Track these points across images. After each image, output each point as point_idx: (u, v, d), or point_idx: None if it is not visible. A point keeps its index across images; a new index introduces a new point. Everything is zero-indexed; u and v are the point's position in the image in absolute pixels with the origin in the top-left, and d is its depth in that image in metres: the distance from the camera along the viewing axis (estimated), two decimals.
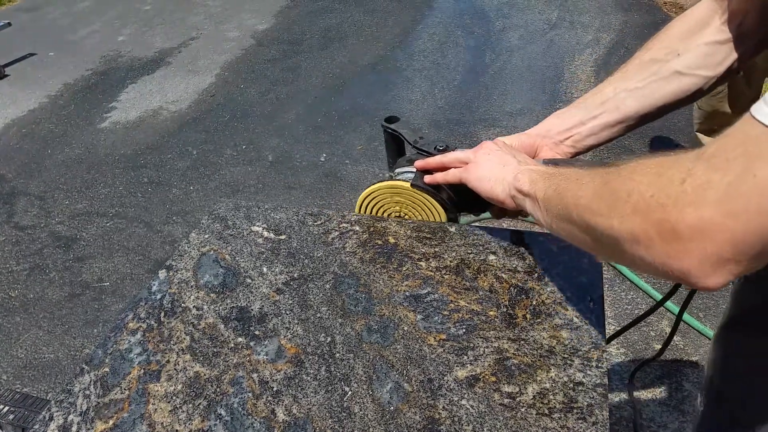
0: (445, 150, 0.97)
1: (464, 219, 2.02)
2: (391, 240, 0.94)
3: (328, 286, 0.86)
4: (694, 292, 0.93)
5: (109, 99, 4.14)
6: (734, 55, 0.83)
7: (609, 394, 1.95)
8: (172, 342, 0.79)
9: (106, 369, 0.77)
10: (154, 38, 4.99)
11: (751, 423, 0.81)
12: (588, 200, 0.62)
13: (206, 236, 0.96)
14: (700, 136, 2.57)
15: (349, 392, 0.70)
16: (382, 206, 1.00)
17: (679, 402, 1.95)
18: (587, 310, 0.79)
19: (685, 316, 2.20)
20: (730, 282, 0.51)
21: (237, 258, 0.91)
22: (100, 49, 4.87)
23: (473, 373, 0.72)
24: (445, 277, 0.86)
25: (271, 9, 5.39)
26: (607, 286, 2.37)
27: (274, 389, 0.71)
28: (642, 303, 2.28)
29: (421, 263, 0.89)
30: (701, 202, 0.48)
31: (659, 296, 2.28)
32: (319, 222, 0.98)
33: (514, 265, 0.87)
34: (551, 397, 0.68)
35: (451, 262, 0.89)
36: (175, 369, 0.76)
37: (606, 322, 2.21)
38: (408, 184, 0.96)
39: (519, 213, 0.87)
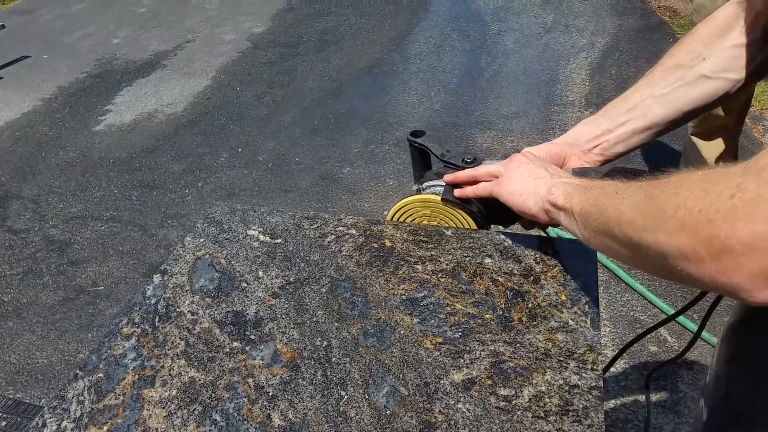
0: (473, 162, 0.96)
1: None
2: (388, 243, 0.93)
3: (324, 289, 0.85)
4: (717, 303, 0.93)
5: (103, 102, 4.13)
6: (760, 57, 0.83)
7: (604, 397, 1.95)
8: (166, 347, 0.79)
9: (101, 374, 0.77)
10: (150, 41, 4.99)
11: (761, 419, 0.81)
12: (631, 215, 0.61)
13: (201, 240, 0.96)
14: (695, 139, 2.58)
15: (346, 397, 0.70)
16: (413, 220, 1.00)
17: (674, 404, 1.95)
18: (582, 313, 0.79)
19: (681, 319, 2.20)
20: None
21: (232, 262, 0.91)
22: (95, 51, 4.86)
23: (469, 377, 0.72)
24: (442, 280, 0.86)
25: (267, 12, 5.39)
26: (602, 288, 2.37)
27: (270, 394, 0.71)
28: (637, 305, 2.29)
29: (417, 267, 0.89)
30: (754, 216, 0.48)
31: (654, 298, 2.28)
32: (315, 225, 0.98)
33: (510, 268, 0.87)
34: (547, 399, 0.68)
35: (447, 265, 0.88)
36: (169, 374, 0.75)
37: (601, 325, 2.21)
38: (438, 198, 0.96)
39: (550, 225, 0.87)
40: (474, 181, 0.93)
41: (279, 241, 0.95)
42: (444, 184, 0.97)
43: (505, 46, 4.43)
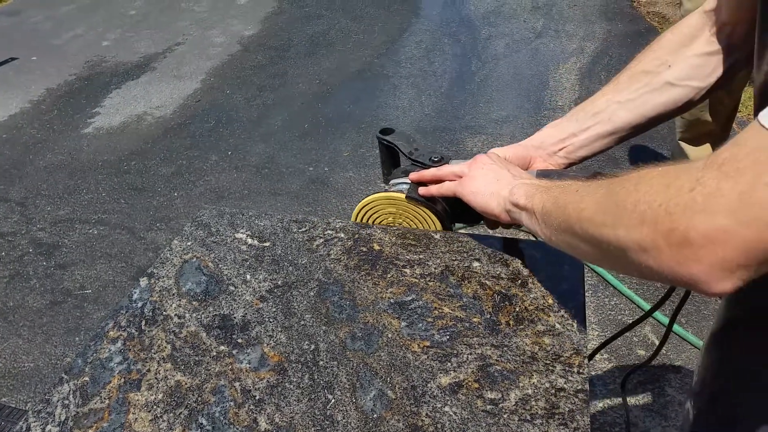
0: (440, 161, 0.97)
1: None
2: (376, 247, 0.93)
3: (312, 293, 0.85)
4: (684, 301, 0.93)
5: (92, 104, 4.11)
6: (724, 66, 0.85)
7: (591, 400, 1.96)
8: (153, 351, 0.78)
9: (86, 378, 0.76)
10: (139, 43, 4.97)
11: (747, 422, 0.81)
12: (591, 212, 0.62)
13: (189, 243, 0.95)
14: (683, 144, 2.60)
15: (333, 400, 0.70)
16: (377, 217, 1.00)
17: (661, 407, 1.96)
18: (569, 317, 0.79)
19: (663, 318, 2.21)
20: (738, 287, 0.52)
21: (220, 265, 0.90)
22: (84, 53, 4.84)
23: (456, 380, 0.72)
24: (430, 284, 0.86)
25: (257, 15, 5.39)
26: (591, 292, 2.38)
27: (257, 398, 0.71)
28: (625, 309, 2.30)
29: (405, 270, 0.89)
30: (713, 210, 0.49)
31: (642, 302, 2.30)
32: (303, 229, 0.98)
33: (497, 272, 0.88)
34: (533, 403, 0.68)
35: (435, 269, 0.89)
36: (156, 378, 0.75)
37: (590, 328, 2.22)
38: (403, 196, 0.96)
39: (512, 225, 0.87)
40: (439, 180, 0.94)
41: (267, 244, 0.95)
42: (409, 182, 0.98)
43: (496, 51, 4.45)
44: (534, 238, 0.89)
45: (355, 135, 3.58)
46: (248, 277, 0.88)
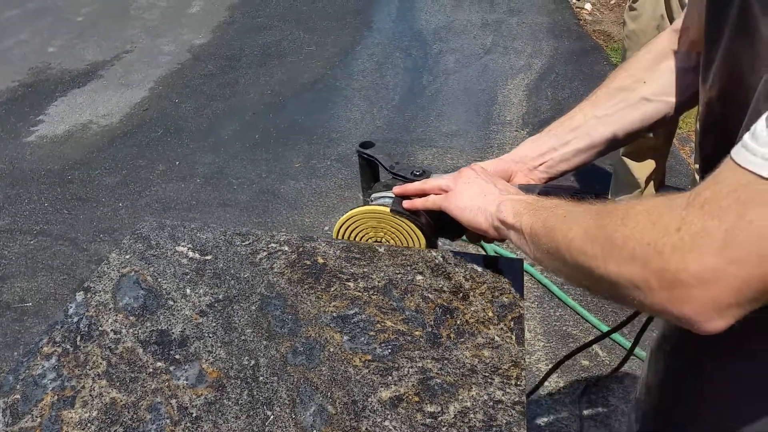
0: (422, 175, 0.97)
1: None
2: (320, 260, 0.93)
3: (254, 307, 0.85)
4: (650, 322, 0.96)
5: (36, 112, 3.99)
6: (696, 83, 0.87)
7: (536, 411, 1.99)
8: (88, 367, 0.76)
9: (17, 396, 0.74)
10: (86, 50, 4.85)
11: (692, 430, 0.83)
12: (581, 242, 0.62)
13: (127, 257, 0.93)
14: (626, 159, 2.68)
15: (272, 416, 0.69)
16: (360, 231, 0.99)
17: (605, 417, 2.00)
18: (508, 329, 0.81)
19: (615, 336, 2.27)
20: (730, 324, 0.53)
21: (159, 279, 0.89)
22: (29, 60, 4.70)
23: (397, 394, 0.72)
24: (373, 297, 0.86)
25: (208, 24, 5.33)
26: (536, 303, 2.42)
27: (194, 415, 0.70)
28: (570, 320, 2.35)
29: (349, 284, 0.89)
30: (701, 249, 0.50)
31: (587, 314, 2.35)
32: (247, 242, 0.97)
33: (440, 285, 0.88)
34: (472, 415, 0.69)
35: (379, 282, 0.89)
36: (90, 395, 0.73)
37: (535, 339, 2.25)
38: (387, 210, 0.95)
39: (499, 240, 0.88)
40: (423, 194, 0.94)
41: (209, 257, 0.93)
42: (392, 195, 0.97)
43: (446, 66, 4.51)
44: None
45: (306, 146, 3.57)
46: (188, 291, 0.87)
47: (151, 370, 0.75)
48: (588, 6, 5.57)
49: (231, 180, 3.29)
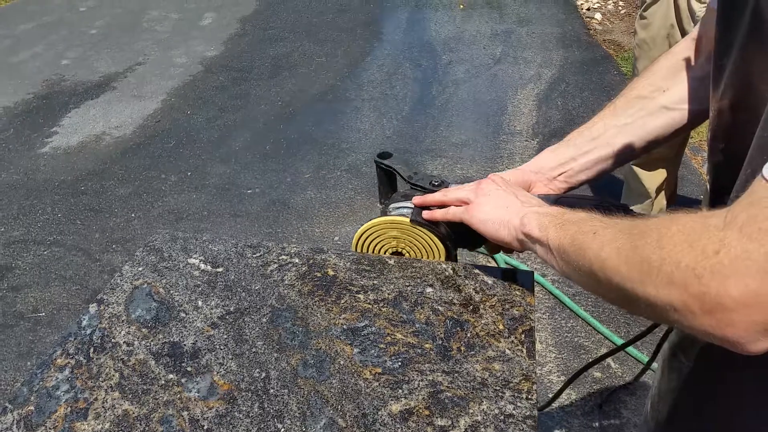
0: (441, 185, 0.97)
1: None
2: (330, 272, 0.94)
3: (264, 319, 0.85)
4: (666, 336, 0.95)
5: (50, 123, 4.04)
6: None
7: (548, 422, 1.98)
8: (100, 379, 0.77)
9: (31, 407, 0.74)
10: (100, 62, 4.91)
11: None
12: (615, 263, 0.61)
13: (140, 269, 0.94)
14: (636, 169, 2.67)
15: (282, 429, 0.70)
16: (379, 242, 0.99)
17: (617, 429, 1.99)
18: (519, 342, 0.81)
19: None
20: None
21: (171, 291, 0.90)
22: (43, 72, 4.75)
23: (407, 407, 0.72)
24: (383, 309, 0.86)
25: (220, 36, 5.38)
26: (548, 314, 2.41)
27: (205, 428, 0.70)
28: (581, 331, 2.34)
29: (359, 296, 0.89)
30: (743, 273, 0.49)
31: (598, 325, 2.34)
32: (258, 254, 0.98)
33: (450, 298, 0.89)
34: (482, 429, 0.69)
35: (389, 294, 0.89)
36: (103, 407, 0.73)
37: (547, 350, 2.24)
38: (407, 220, 0.95)
39: (521, 251, 0.87)
40: (443, 205, 0.93)
41: (220, 270, 0.94)
42: (411, 206, 0.97)
43: (456, 76, 4.52)
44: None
45: (316, 157, 3.58)
46: (200, 303, 0.88)
47: (163, 382, 0.76)
48: (598, 16, 5.57)
49: (242, 190, 3.30)
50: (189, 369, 0.77)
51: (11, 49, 5.21)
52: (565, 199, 0.93)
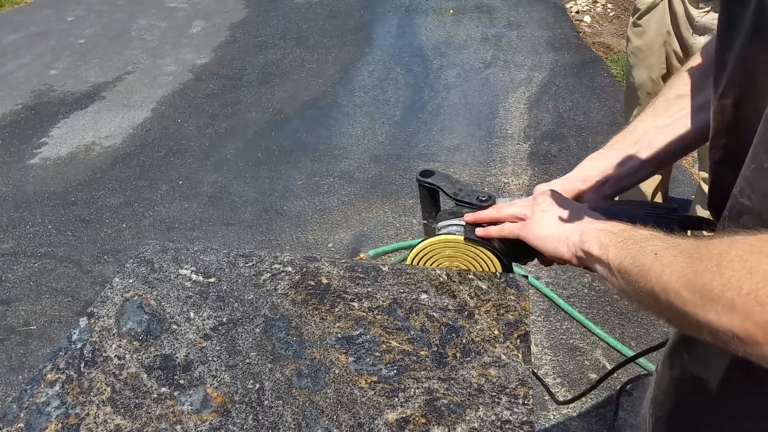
0: (488, 200, 0.96)
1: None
2: (324, 281, 0.93)
3: (258, 330, 0.84)
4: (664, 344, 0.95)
5: (39, 134, 4.01)
6: None
7: (547, 426, 1.97)
8: (92, 393, 0.76)
9: (21, 425, 0.73)
10: (89, 72, 4.89)
11: None
12: (677, 287, 0.60)
13: (130, 281, 0.93)
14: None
15: None
16: (434, 261, 0.98)
17: (615, 430, 1.98)
18: (514, 347, 0.80)
19: (619, 346, 2.25)
20: None
21: (163, 303, 0.88)
22: (31, 83, 4.73)
23: (403, 415, 0.71)
24: (378, 317, 0.86)
25: (210, 43, 5.37)
26: (543, 316, 2.41)
27: None
28: (576, 333, 2.33)
29: (353, 304, 0.88)
30: None
31: (593, 326, 2.33)
32: (250, 264, 0.97)
33: (444, 304, 0.88)
34: None
35: (383, 302, 0.88)
36: (95, 422, 0.72)
37: (542, 353, 2.24)
38: (461, 238, 0.94)
39: (575, 266, 0.85)
40: (496, 222, 0.92)
41: (212, 280, 0.93)
42: (461, 223, 0.96)
43: (447, 81, 4.53)
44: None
45: (309, 163, 3.57)
46: (192, 314, 0.86)
47: (155, 395, 0.75)
48: (587, 18, 5.60)
49: (234, 199, 3.29)
50: (181, 382, 0.76)
51: None
52: (618, 206, 0.91)
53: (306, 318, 0.86)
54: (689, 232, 0.94)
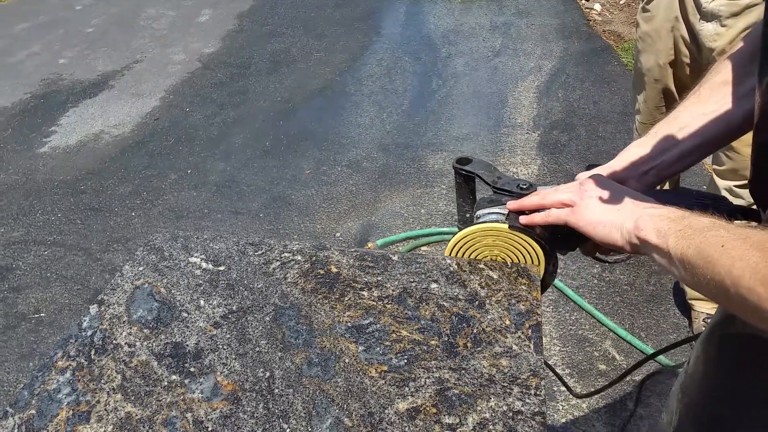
0: (530, 188, 0.93)
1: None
2: (334, 269, 0.92)
3: (268, 318, 0.84)
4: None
5: (48, 123, 4.02)
6: None
7: (557, 418, 1.97)
8: (102, 381, 0.76)
9: (33, 411, 0.73)
10: (97, 61, 4.89)
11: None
12: (751, 283, 0.59)
13: (141, 269, 0.93)
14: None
15: (288, 430, 0.69)
16: (475, 251, 0.95)
17: (624, 422, 1.98)
18: (526, 338, 0.79)
19: (629, 338, 2.25)
20: None
21: (173, 291, 0.88)
22: (40, 72, 4.74)
23: (414, 405, 0.71)
24: (387, 306, 0.85)
25: (218, 32, 5.36)
26: (552, 307, 2.40)
27: (209, 429, 0.69)
28: (586, 324, 2.33)
29: (363, 293, 0.88)
30: None
31: (602, 317, 2.32)
32: (260, 252, 0.96)
33: (455, 293, 0.87)
34: (491, 427, 0.68)
35: (393, 291, 0.88)
36: (105, 409, 0.72)
37: (551, 344, 2.23)
38: (505, 226, 0.91)
39: (628, 253, 0.83)
40: (541, 209, 0.90)
41: (222, 268, 0.93)
42: (502, 211, 0.93)
43: (455, 69, 4.50)
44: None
45: (317, 152, 3.57)
46: (202, 302, 0.86)
47: (165, 383, 0.75)
48: (597, 6, 5.54)
49: (242, 188, 3.29)
50: (192, 369, 0.76)
51: (8, 49, 5.19)
52: (663, 195, 0.88)
53: (316, 307, 0.85)
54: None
